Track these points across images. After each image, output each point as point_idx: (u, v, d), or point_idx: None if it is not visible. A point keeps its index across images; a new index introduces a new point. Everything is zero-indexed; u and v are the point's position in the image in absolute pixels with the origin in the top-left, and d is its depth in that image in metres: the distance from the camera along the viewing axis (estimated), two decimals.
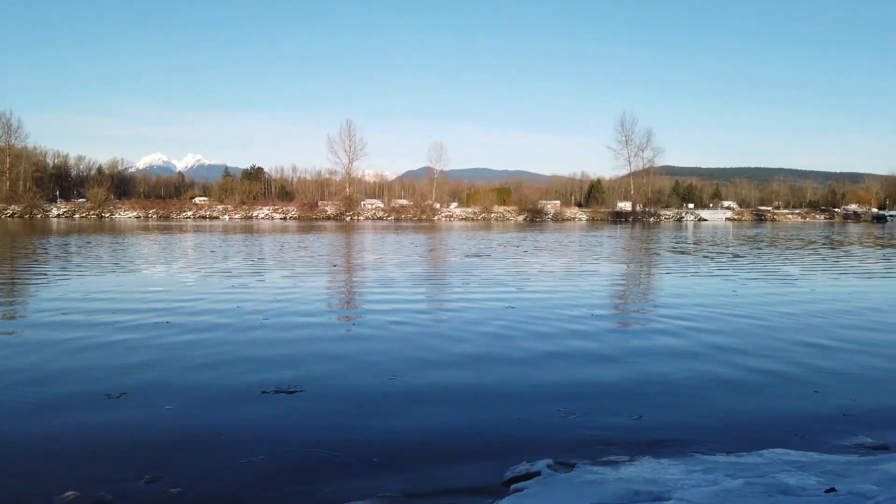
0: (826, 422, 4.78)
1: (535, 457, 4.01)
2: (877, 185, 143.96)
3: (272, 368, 6.25)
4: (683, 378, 6.02)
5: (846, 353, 7.08)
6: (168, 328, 8.17)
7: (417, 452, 4.17)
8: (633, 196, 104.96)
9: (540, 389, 5.61)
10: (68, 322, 8.61)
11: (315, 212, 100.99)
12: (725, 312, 9.82)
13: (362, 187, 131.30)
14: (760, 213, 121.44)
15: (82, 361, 6.48)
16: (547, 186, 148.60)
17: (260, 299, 10.78)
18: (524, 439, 4.43)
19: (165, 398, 5.24)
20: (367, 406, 5.12)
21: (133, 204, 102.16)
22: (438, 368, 6.36)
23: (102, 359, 6.57)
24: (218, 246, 27.10)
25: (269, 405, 5.11)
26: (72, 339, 7.50)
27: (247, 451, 4.12)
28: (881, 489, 3.46)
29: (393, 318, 9.12)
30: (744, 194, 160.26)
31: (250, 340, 7.58)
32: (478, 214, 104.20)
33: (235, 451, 4.13)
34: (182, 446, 4.26)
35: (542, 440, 4.40)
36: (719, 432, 4.56)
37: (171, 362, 6.43)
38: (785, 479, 3.59)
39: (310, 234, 41.01)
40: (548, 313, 9.60)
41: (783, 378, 6.03)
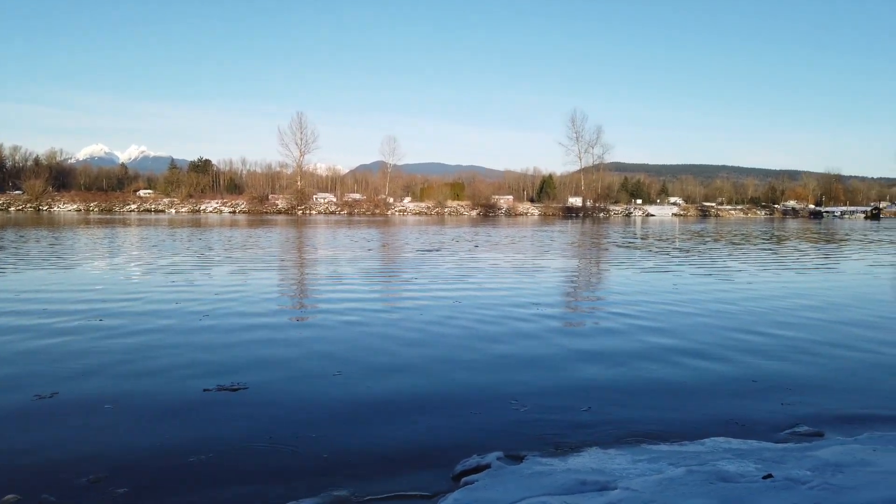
0: (764, 411, 4.95)
1: (485, 450, 4.02)
2: (814, 183, 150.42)
3: (213, 368, 6.08)
4: (628, 371, 6.14)
5: (782, 344, 7.34)
6: (102, 329, 7.84)
7: (367, 450, 4.13)
8: (584, 192, 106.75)
9: (490, 384, 5.63)
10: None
11: (266, 205, 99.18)
12: (667, 307, 10.07)
13: (314, 181, 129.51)
14: (705, 208, 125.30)
15: (12, 366, 6.18)
16: (500, 181, 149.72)
17: (202, 297, 10.48)
18: (475, 434, 4.43)
19: (103, 398, 5.04)
20: (316, 406, 5.04)
21: (73, 196, 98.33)
22: (387, 364, 6.32)
23: (35, 363, 6.27)
24: (161, 240, 26.33)
25: (212, 404, 4.97)
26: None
27: (193, 451, 4.00)
28: (815, 474, 3.60)
29: (341, 316, 9.00)
30: (689, 190, 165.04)
31: (191, 340, 7.36)
32: (431, 209, 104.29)
33: (181, 451, 4.01)
34: (125, 446, 4.11)
35: (493, 434, 4.42)
36: (663, 422, 4.67)
37: (108, 363, 6.18)
38: (725, 467, 3.70)
39: (259, 229, 40.30)
40: (495, 310, 9.65)
41: (723, 369, 6.21)
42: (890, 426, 4.58)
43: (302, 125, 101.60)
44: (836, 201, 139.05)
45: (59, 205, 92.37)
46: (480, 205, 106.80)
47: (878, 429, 4.49)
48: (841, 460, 3.82)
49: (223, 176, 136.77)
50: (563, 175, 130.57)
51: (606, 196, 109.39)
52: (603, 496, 3.40)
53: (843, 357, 6.75)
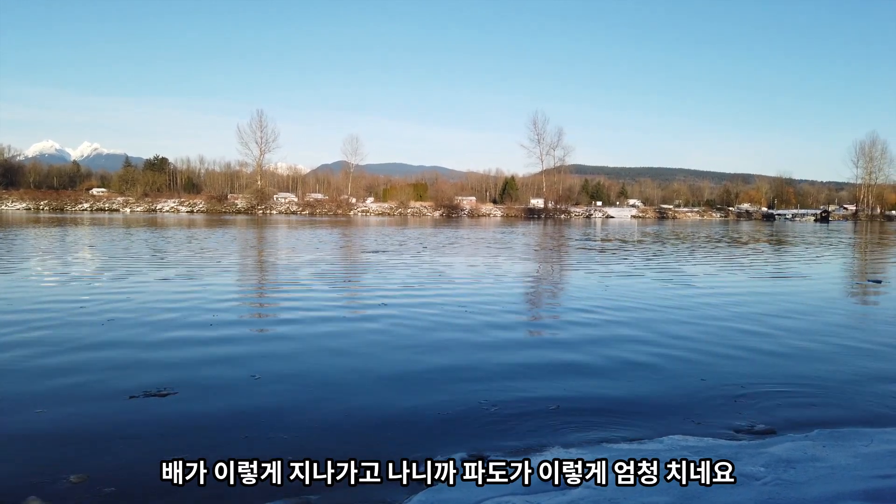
0: (720, 409, 5.07)
1: (450, 451, 4.03)
2: (766, 186, 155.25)
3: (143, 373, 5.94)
4: (581, 371, 6.22)
5: (735, 343, 7.53)
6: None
7: (338, 448, 4.09)
8: (546, 193, 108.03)
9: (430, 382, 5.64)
10: None
11: (224, 205, 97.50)
12: (619, 306, 10.23)
13: (275, 180, 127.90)
14: (663, 210, 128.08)
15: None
16: (463, 182, 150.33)
17: (127, 304, 10.23)
18: (440, 433, 4.44)
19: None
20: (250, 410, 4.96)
21: (22, 195, 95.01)
22: (345, 364, 6.28)
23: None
24: (110, 241, 25.62)
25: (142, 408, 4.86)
26: None
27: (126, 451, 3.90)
28: (768, 470, 3.71)
29: (260, 324, 8.90)
30: (648, 193, 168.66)
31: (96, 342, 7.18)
32: (394, 210, 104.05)
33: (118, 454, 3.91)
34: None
35: (457, 433, 4.43)
36: (625, 421, 4.75)
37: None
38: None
39: (206, 230, 39.54)
40: (438, 310, 9.67)
41: (677, 368, 6.35)
42: (839, 422, 4.74)
43: (262, 123, 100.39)
44: (787, 204, 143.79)
45: (6, 203, 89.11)
46: (443, 206, 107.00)
47: (828, 425, 4.64)
48: (793, 456, 3.95)
49: (180, 174, 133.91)
50: (525, 176, 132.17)
51: (567, 198, 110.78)
52: (565, 494, 3.43)
53: (794, 356, 6.96)
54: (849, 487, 3.48)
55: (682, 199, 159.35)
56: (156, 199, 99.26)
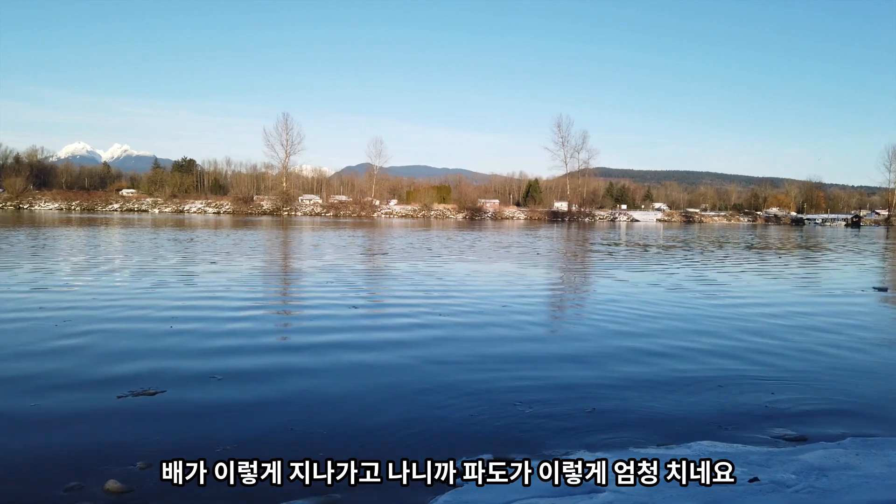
0: (749, 415, 5.00)
1: (478, 452, 4.03)
2: (795, 191, 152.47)
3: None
4: (613, 376, 6.18)
5: (764, 350, 7.42)
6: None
7: (357, 448, 4.13)
8: (570, 196, 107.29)
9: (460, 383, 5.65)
10: None
11: (250, 206, 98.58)
12: (655, 313, 10.14)
13: (300, 182, 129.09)
14: (689, 214, 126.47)
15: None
16: (486, 185, 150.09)
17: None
18: (469, 435, 4.45)
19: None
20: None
21: (55, 195, 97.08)
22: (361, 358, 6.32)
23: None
24: (145, 241, 26.07)
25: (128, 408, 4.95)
26: None
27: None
28: (799, 478, 3.66)
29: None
30: (674, 196, 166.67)
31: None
32: (417, 212, 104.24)
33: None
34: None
35: (486, 436, 4.44)
36: (654, 426, 4.71)
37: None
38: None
39: (247, 230, 39.98)
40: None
41: (706, 374, 6.27)
42: (872, 431, 4.65)
43: (288, 126, 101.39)
44: (817, 209, 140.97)
45: (40, 203, 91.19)
46: (466, 208, 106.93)
47: (860, 434, 4.56)
48: (825, 464, 3.89)
49: (207, 176, 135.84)
50: (548, 179, 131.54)
51: (592, 201, 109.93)
52: (592, 499, 3.42)
53: (825, 363, 6.84)
54: (884, 496, 3.42)
55: (709, 203, 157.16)
56: (183, 200, 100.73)
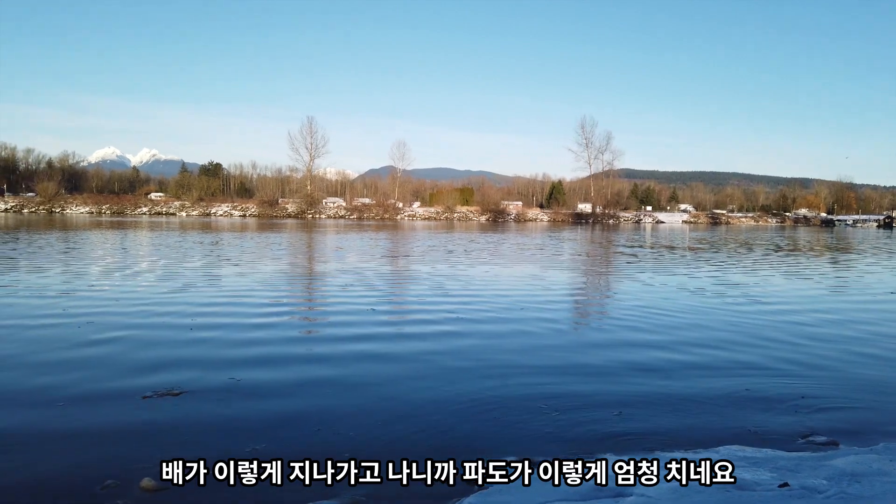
0: (778, 420, 4.92)
1: (504, 454, 4.03)
2: (825, 191, 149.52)
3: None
4: (635, 381, 6.13)
5: (795, 356, 7.29)
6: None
7: (383, 451, 4.15)
8: (593, 198, 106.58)
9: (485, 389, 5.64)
10: None
11: (276, 209, 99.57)
12: (680, 316, 10.03)
13: (324, 185, 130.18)
14: (715, 216, 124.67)
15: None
16: (509, 187, 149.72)
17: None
18: (494, 437, 4.44)
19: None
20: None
21: (85, 199, 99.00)
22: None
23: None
24: (178, 244, 26.49)
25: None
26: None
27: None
28: (831, 484, 3.59)
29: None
30: (699, 198, 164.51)
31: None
32: (440, 214, 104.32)
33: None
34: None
35: (514, 438, 4.43)
36: (681, 429, 4.66)
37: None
38: (741, 475, 3.68)
39: (265, 233, 40.38)
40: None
41: (732, 378, 6.18)
42: None
43: (312, 130, 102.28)
44: (848, 210, 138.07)
45: (71, 207, 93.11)
46: (490, 210, 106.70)
47: (894, 438, 4.45)
48: (857, 470, 3.80)
49: (233, 180, 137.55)
50: (572, 181, 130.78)
51: (616, 202, 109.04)
52: (618, 502, 3.40)
53: (854, 367, 6.70)
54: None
55: (736, 204, 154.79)
56: (210, 203, 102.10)
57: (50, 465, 3.90)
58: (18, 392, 5.28)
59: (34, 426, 4.52)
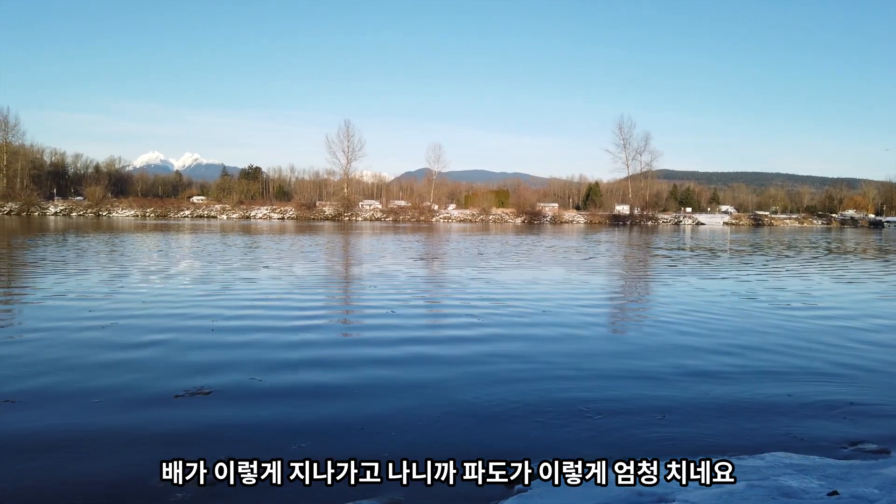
0: (827, 427, 4.81)
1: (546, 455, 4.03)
2: (873, 191, 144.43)
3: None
4: (679, 385, 6.05)
5: (844, 359, 7.11)
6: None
7: (420, 451, 4.19)
8: (631, 199, 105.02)
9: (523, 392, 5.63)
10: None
11: (313, 212, 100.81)
12: (727, 321, 9.85)
13: (360, 188, 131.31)
14: (758, 217, 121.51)
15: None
16: (545, 189, 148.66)
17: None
18: (539, 439, 4.46)
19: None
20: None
21: (131, 202, 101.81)
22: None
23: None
24: (223, 248, 27.06)
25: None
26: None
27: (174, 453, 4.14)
28: (882, 493, 3.49)
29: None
30: (741, 198, 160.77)
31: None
32: (476, 216, 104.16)
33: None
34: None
35: (555, 441, 4.44)
36: (725, 434, 4.60)
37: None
38: (787, 482, 3.62)
39: (304, 235, 40.91)
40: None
41: (778, 383, 6.06)
42: None
43: (349, 133, 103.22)
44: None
45: (117, 210, 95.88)
46: (525, 212, 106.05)
47: None
48: None
49: (272, 183, 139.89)
50: (609, 182, 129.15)
51: (654, 204, 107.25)
52: None
53: None
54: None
55: (780, 206, 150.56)
56: (250, 206, 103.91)
57: (102, 464, 4.04)
58: (73, 393, 5.46)
59: (91, 425, 4.69)
